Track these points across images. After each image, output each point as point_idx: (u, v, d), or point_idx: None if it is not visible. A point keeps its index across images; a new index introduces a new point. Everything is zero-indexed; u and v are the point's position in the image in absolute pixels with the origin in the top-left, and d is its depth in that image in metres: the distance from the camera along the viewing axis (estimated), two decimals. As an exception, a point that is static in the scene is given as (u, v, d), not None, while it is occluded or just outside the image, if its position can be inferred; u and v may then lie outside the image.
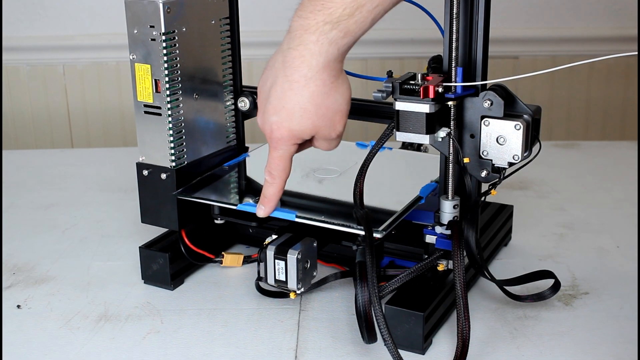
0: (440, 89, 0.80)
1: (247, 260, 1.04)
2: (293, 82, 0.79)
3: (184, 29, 0.91)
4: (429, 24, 0.93)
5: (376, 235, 0.83)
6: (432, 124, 0.80)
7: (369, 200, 0.87)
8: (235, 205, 0.92)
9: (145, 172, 0.95)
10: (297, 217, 0.87)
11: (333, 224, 0.86)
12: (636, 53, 0.79)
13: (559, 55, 1.89)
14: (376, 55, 1.88)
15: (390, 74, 0.84)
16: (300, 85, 0.79)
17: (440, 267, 0.90)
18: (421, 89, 0.79)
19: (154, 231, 1.01)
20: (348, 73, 0.92)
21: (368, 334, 0.79)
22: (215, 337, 0.88)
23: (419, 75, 0.82)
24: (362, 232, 0.83)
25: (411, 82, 0.81)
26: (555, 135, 1.94)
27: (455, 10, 0.81)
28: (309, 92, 0.79)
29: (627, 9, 1.88)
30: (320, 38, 0.76)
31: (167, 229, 1.01)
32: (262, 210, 0.88)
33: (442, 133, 0.82)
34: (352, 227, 0.85)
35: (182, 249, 0.98)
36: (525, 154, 0.83)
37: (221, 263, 1.03)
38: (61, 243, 1.13)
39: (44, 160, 1.53)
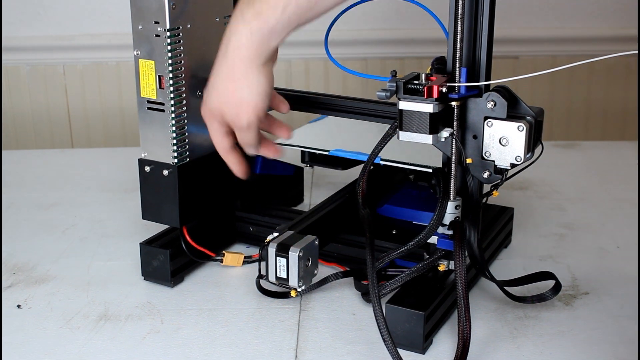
0: (444, 89, 0.80)
1: (247, 260, 1.04)
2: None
3: (189, 26, 0.91)
4: (429, 24, 0.93)
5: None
6: (435, 124, 0.80)
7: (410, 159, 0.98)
8: (327, 151, 1.01)
9: (147, 169, 0.95)
10: (382, 160, 0.98)
11: (412, 164, 0.97)
12: (636, 52, 0.79)
13: (559, 55, 1.89)
14: (376, 55, 1.88)
15: (394, 73, 0.84)
16: (217, 64, 0.86)
17: (442, 268, 0.90)
18: (425, 88, 0.79)
19: (154, 231, 1.01)
20: (349, 72, 0.92)
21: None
22: (216, 337, 0.88)
23: (423, 75, 0.82)
24: (439, 166, 0.92)
25: (415, 81, 0.81)
26: (555, 135, 1.94)
27: (460, 11, 0.81)
28: (221, 72, 0.85)
29: (627, 9, 1.88)
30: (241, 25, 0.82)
31: (167, 226, 1.01)
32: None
33: (445, 133, 0.82)
34: (428, 167, 0.95)
35: (183, 245, 0.98)
36: (527, 156, 0.83)
37: (221, 262, 1.03)
38: (61, 243, 1.13)
39: (44, 160, 1.53)
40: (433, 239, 0.88)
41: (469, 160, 0.84)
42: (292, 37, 0.83)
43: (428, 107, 0.80)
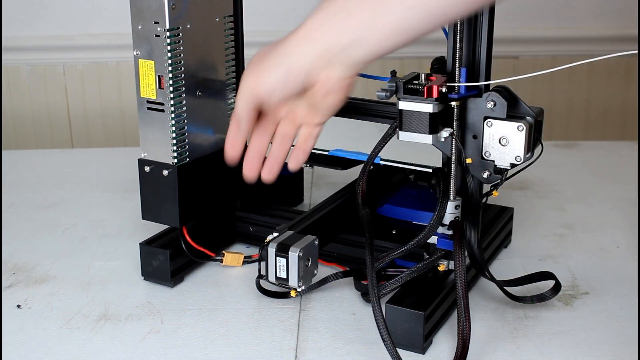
0: (443, 89, 0.80)
1: (247, 260, 1.04)
2: None
3: (189, 26, 0.91)
4: (430, 23, 0.93)
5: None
6: (435, 124, 0.80)
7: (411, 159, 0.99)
8: (327, 151, 1.02)
9: (147, 169, 0.95)
10: (382, 160, 0.98)
11: (412, 164, 0.98)
12: (636, 52, 0.79)
13: (559, 55, 1.89)
14: (376, 55, 1.87)
15: (393, 73, 0.84)
16: None
17: (441, 267, 0.90)
18: (425, 88, 0.79)
19: (154, 231, 1.01)
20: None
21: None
22: (215, 337, 0.88)
23: (423, 75, 0.82)
24: (439, 166, 0.92)
25: (415, 81, 0.81)
26: (555, 135, 1.94)
27: (459, 11, 0.80)
28: None
29: (627, 9, 1.88)
30: None
31: (167, 226, 1.01)
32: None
33: (444, 133, 0.82)
34: (428, 167, 0.95)
35: (183, 245, 0.98)
36: (527, 156, 0.83)
37: (221, 262, 1.03)
38: (61, 243, 1.13)
39: (44, 160, 1.53)
40: (433, 239, 0.89)
41: (468, 160, 0.85)
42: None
43: (428, 107, 0.80)
